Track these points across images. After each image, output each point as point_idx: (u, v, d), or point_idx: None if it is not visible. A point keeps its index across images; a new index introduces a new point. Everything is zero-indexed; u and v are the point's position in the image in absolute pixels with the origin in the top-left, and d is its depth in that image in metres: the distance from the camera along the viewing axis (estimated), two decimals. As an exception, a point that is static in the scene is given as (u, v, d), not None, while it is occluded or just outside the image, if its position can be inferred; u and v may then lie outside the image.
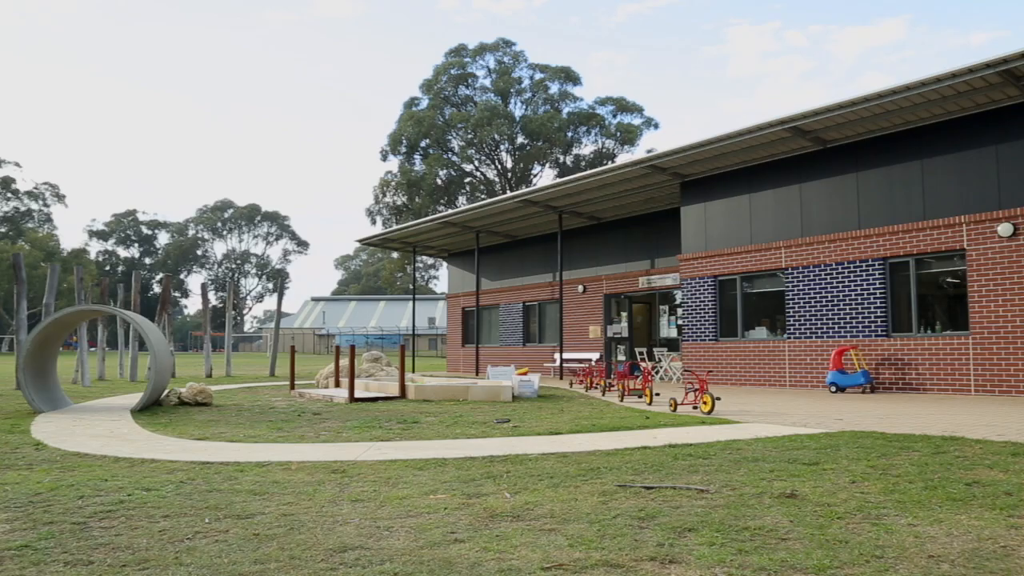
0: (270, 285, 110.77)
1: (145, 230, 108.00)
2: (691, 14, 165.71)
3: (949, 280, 15.19)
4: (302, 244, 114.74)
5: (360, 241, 31.94)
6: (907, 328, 15.49)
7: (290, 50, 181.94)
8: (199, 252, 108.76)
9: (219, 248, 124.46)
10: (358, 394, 14.27)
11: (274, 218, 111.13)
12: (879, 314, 15.77)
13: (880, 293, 15.79)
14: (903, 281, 15.63)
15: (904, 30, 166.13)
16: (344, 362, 17.39)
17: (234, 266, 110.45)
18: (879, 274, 15.83)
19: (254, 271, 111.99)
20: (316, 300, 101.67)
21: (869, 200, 16.13)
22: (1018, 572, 3.42)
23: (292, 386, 16.58)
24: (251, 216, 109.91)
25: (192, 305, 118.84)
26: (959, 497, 4.95)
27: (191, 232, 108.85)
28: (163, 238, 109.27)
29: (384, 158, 56.78)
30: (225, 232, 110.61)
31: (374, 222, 57.84)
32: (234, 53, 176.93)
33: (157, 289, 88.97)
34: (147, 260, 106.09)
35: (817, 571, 3.44)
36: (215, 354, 32.69)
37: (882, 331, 15.70)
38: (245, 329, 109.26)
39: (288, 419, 10.63)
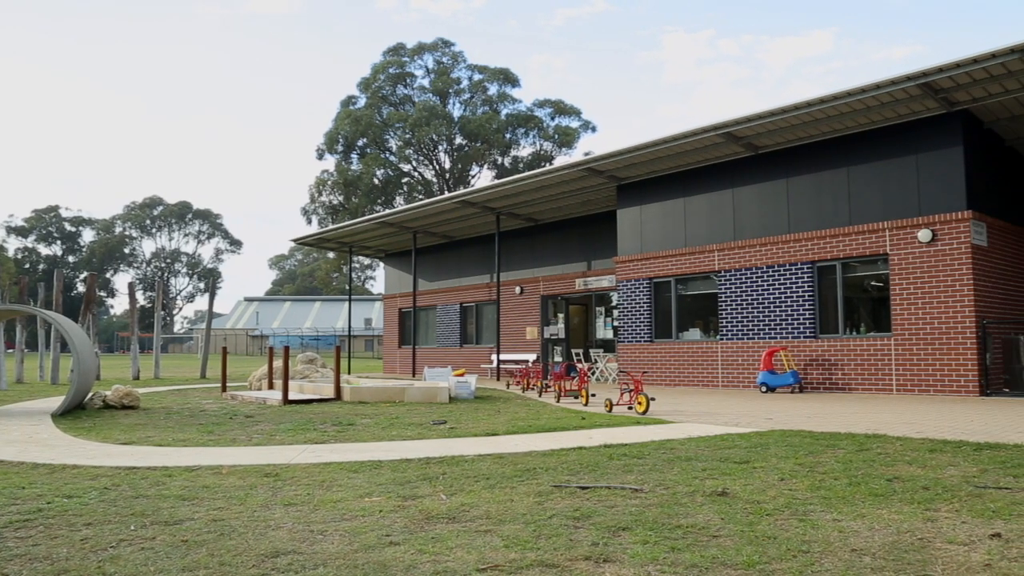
0: (201, 285, 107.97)
1: (68, 227, 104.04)
2: (628, 20, 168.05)
3: (873, 284, 15.74)
4: (235, 243, 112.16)
5: (295, 241, 31.43)
6: (834, 330, 15.99)
7: (223, 44, 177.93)
8: (126, 250, 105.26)
9: (148, 246, 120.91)
10: (292, 396, 14.03)
11: (206, 216, 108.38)
12: (807, 316, 16.25)
13: (808, 296, 16.27)
14: (830, 284, 16.14)
15: (831, 42, 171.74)
16: (278, 363, 17.07)
17: (164, 265, 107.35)
18: (808, 277, 16.31)
19: (185, 270, 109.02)
20: (249, 300, 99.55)
21: (798, 205, 16.60)
22: (933, 562, 3.56)
23: (224, 388, 16.20)
24: (182, 214, 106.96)
25: (119, 305, 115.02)
26: (881, 492, 5.13)
27: (118, 229, 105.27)
28: (88, 235, 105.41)
29: (320, 157, 55.98)
30: (154, 230, 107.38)
31: (310, 221, 56.96)
32: (165, 46, 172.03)
33: (81, 288, 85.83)
34: (70, 258, 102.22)
35: (746, 567, 3.52)
36: (143, 356, 31.73)
37: (810, 333, 16.18)
38: (175, 330, 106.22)
39: (219, 422, 10.39)
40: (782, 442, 7.67)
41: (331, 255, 63.13)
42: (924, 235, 14.49)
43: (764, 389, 15.72)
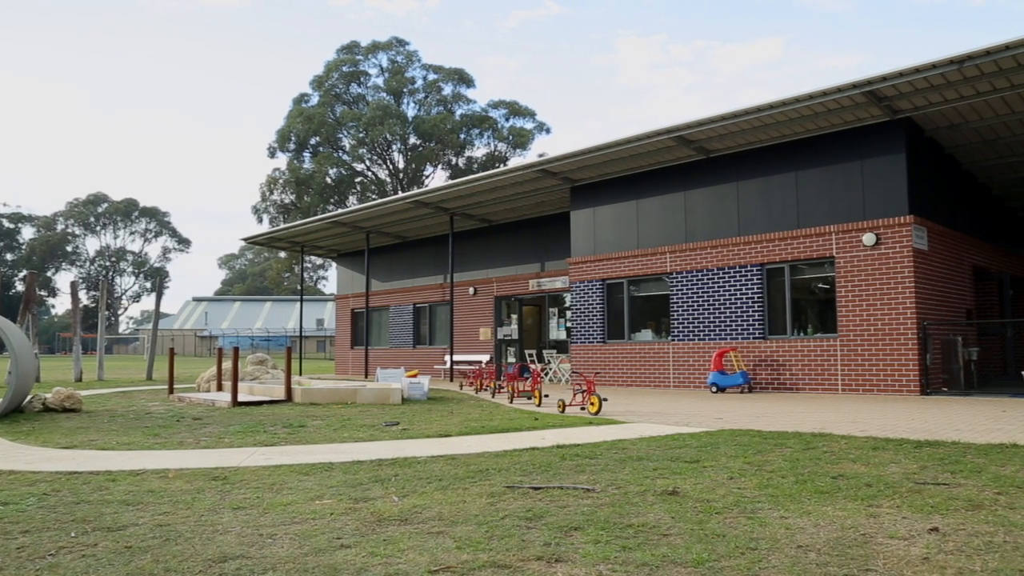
0: (148, 284, 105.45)
1: (7, 223, 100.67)
2: (581, 23, 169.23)
3: (820, 286, 16.09)
4: (183, 242, 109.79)
5: (246, 240, 30.93)
6: (782, 331, 16.30)
7: (171, 37, 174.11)
8: (69, 248, 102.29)
9: (92, 244, 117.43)
10: (242, 398, 13.79)
11: (153, 214, 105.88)
12: (757, 317, 16.54)
13: (758, 297, 16.56)
14: (779, 286, 16.45)
15: (780, 50, 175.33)
16: (227, 364, 16.76)
17: (108, 264, 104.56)
18: (757, 279, 16.60)
19: (131, 269, 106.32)
20: (198, 300, 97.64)
21: (748, 209, 16.89)
22: (875, 557, 3.65)
23: (171, 390, 15.86)
24: (128, 211, 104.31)
25: (61, 305, 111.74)
26: (826, 490, 5.24)
27: (60, 227, 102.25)
28: (28, 232, 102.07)
29: (272, 155, 55.21)
30: (99, 228, 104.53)
31: (261, 220, 56.12)
32: (111, 38, 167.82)
33: (21, 287, 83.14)
34: (8, 256, 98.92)
35: (696, 565, 3.57)
36: (86, 357, 30.85)
37: (759, 334, 16.47)
38: (120, 331, 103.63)
39: (166, 425, 10.17)
40: (731, 441, 7.79)
41: (282, 255, 62.25)
42: (868, 239, 14.86)
43: (714, 389, 15.95)
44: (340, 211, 25.44)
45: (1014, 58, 12.39)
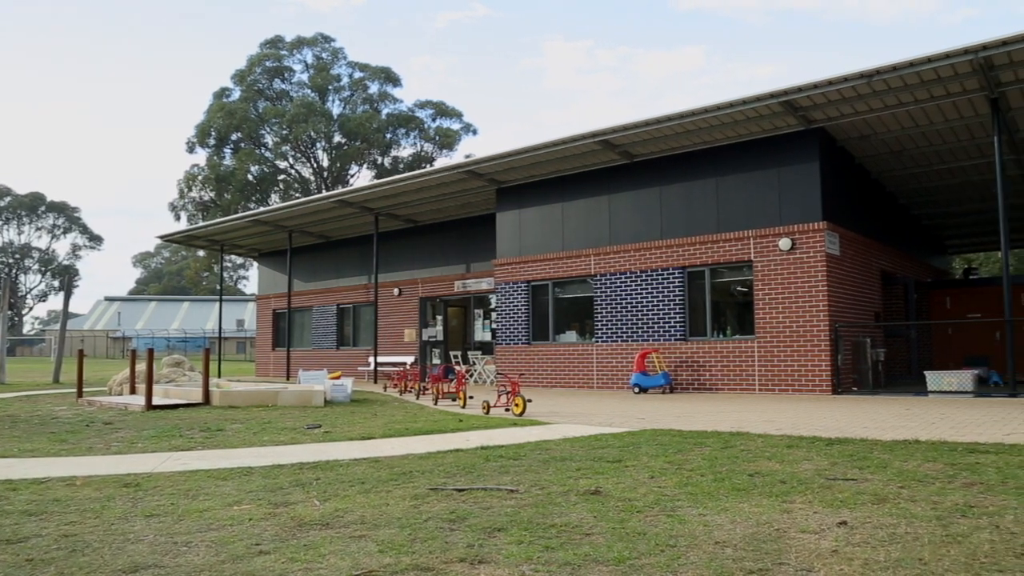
0: (56, 283, 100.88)
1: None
2: (509, 26, 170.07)
3: (739, 289, 16.56)
4: (95, 239, 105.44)
5: (162, 238, 29.92)
6: (703, 332, 16.70)
7: (83, 25, 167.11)
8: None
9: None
10: (157, 401, 13.33)
11: (62, 209, 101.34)
12: (678, 319, 16.90)
13: (679, 300, 16.93)
14: (699, 289, 16.85)
15: (702, 58, 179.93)
16: (141, 366, 16.17)
17: (12, 261, 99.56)
18: (679, 282, 16.97)
19: (36, 267, 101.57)
20: (111, 300, 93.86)
21: (671, 213, 17.25)
22: (788, 551, 3.78)
23: (80, 394, 15.21)
24: (33, 206, 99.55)
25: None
26: (743, 487, 5.39)
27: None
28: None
29: (191, 150, 53.55)
30: (1, 223, 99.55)
31: (178, 218, 54.31)
32: (15, 23, 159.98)
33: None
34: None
35: (617, 563, 3.62)
36: (-13, 359, 29.27)
37: (680, 335, 16.83)
38: (24, 331, 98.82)
39: (74, 430, 9.74)
40: (653, 441, 7.94)
41: (201, 253, 60.43)
42: (784, 244, 15.37)
43: (637, 390, 16.23)
44: (262, 209, 24.89)
45: (918, 74, 13.02)
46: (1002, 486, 5.29)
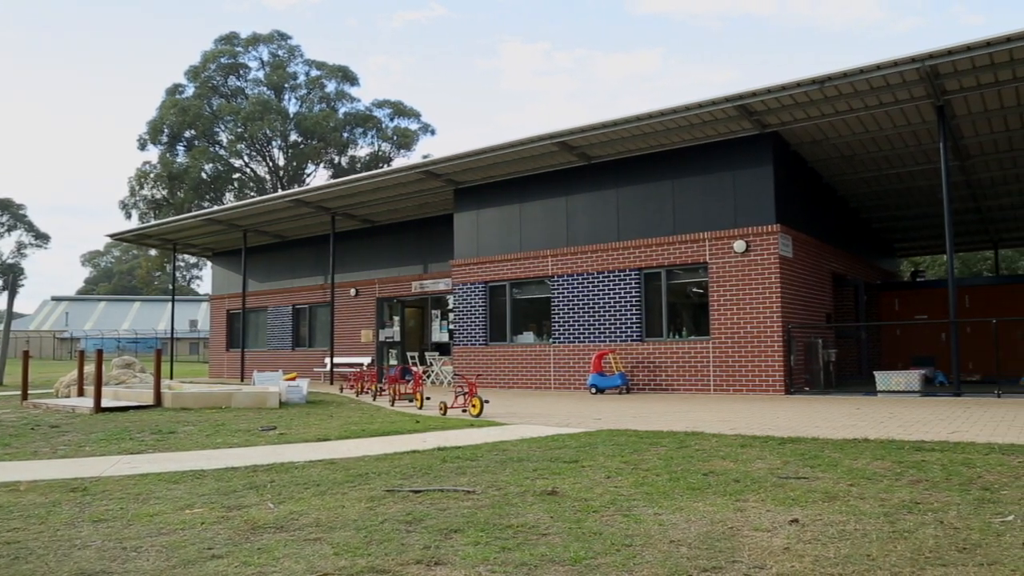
0: None
1: None
2: (466, 27, 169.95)
3: (694, 290, 16.76)
4: (41, 237, 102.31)
5: (112, 236, 29.25)
6: (659, 333, 16.86)
7: (28, 13, 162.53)
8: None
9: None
10: (106, 403, 13.03)
11: (6, 206, 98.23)
12: (635, 320, 17.04)
13: (636, 301, 17.07)
14: (656, 290, 17.01)
15: (659, 62, 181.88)
16: (90, 368, 15.79)
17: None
18: (635, 283, 17.11)
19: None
20: (58, 300, 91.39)
21: (628, 214, 17.39)
22: (741, 549, 3.83)
23: (25, 396, 14.79)
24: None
25: None
26: (697, 486, 5.46)
27: None
28: None
29: (143, 147, 52.34)
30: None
31: (129, 216, 53.09)
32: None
33: None
34: None
35: (573, 563, 3.63)
36: (-74, 360, 28.29)
37: (637, 336, 16.97)
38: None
39: (18, 433, 9.47)
40: (609, 441, 7.99)
41: (153, 252, 59.20)
42: (739, 246, 15.60)
43: (594, 391, 16.32)
44: (216, 208, 24.47)
45: (868, 81, 13.33)
46: (946, 483, 5.43)
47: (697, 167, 16.45)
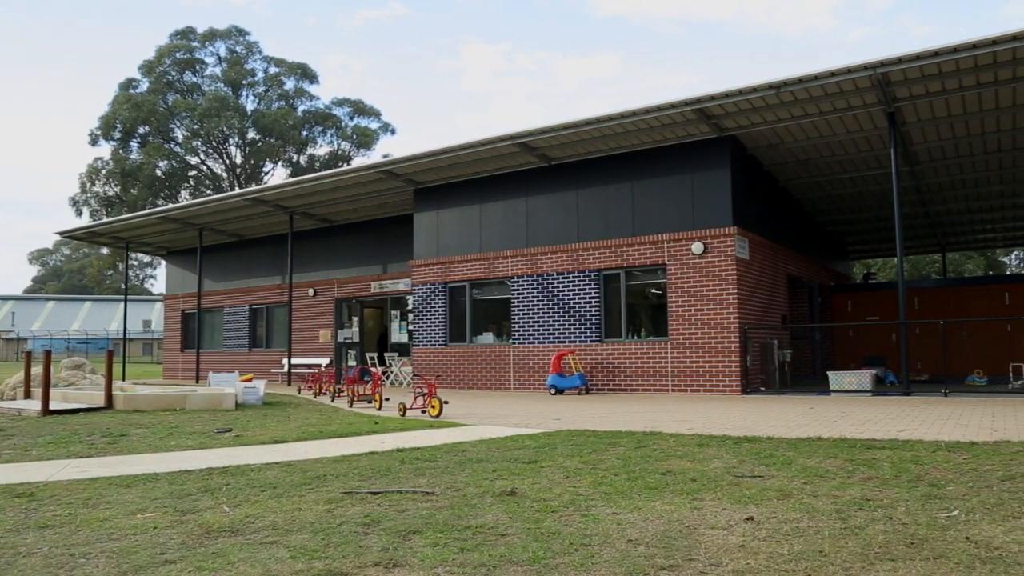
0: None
1: None
2: (427, 27, 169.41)
3: (653, 291, 16.91)
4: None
5: (62, 234, 28.54)
6: (618, 334, 16.99)
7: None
8: None
9: None
10: (55, 405, 12.71)
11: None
12: (594, 321, 17.14)
13: (595, 302, 17.17)
14: (615, 291, 17.13)
15: (618, 65, 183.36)
16: (37, 369, 15.37)
17: None
18: (595, 284, 17.21)
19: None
20: (3, 299, 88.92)
21: (587, 216, 17.49)
22: (698, 547, 3.88)
23: (-32, 398, 14.35)
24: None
25: None
26: (655, 485, 5.51)
27: None
28: None
29: (94, 143, 51.20)
30: None
31: (80, 213, 51.88)
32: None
33: None
34: None
35: (532, 563, 3.64)
36: None
37: (596, 337, 17.08)
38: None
39: (-39, 436, 9.18)
40: (568, 442, 8.02)
41: (105, 251, 57.92)
42: (697, 248, 15.78)
43: (554, 391, 16.38)
44: (171, 206, 24.05)
45: (822, 87, 13.60)
46: (896, 479, 5.57)
47: (656, 169, 16.61)
